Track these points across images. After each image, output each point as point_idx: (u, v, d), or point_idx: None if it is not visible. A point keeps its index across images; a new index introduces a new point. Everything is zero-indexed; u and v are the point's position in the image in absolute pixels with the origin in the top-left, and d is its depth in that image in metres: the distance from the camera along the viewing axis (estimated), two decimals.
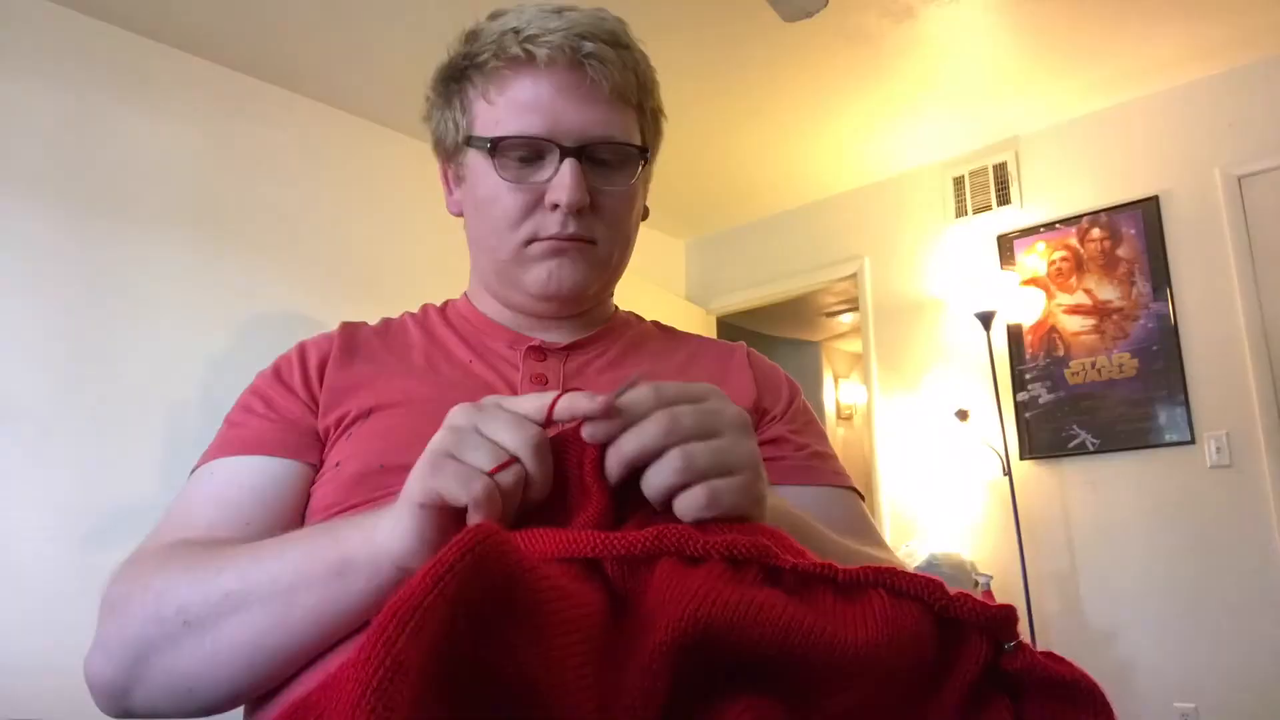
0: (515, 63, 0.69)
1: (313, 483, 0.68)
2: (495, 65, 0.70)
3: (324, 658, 0.55)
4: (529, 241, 0.72)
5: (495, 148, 0.70)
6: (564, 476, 0.47)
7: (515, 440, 0.46)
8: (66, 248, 2.30)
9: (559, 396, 0.47)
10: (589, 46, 0.69)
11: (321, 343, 0.77)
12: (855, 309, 4.32)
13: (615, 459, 0.46)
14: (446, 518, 0.46)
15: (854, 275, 3.73)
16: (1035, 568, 2.94)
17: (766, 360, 0.85)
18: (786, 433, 0.76)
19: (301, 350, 0.76)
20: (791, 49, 2.73)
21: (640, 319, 0.88)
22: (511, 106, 0.70)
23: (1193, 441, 2.77)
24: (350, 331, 0.79)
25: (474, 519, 0.44)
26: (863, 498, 0.78)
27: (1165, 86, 3.00)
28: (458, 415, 0.48)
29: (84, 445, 2.24)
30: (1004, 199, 3.29)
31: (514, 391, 0.72)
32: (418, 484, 0.46)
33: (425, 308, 0.85)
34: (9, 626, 2.04)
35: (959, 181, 3.42)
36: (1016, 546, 2.91)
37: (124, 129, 2.45)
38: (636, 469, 0.46)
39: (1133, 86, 3.01)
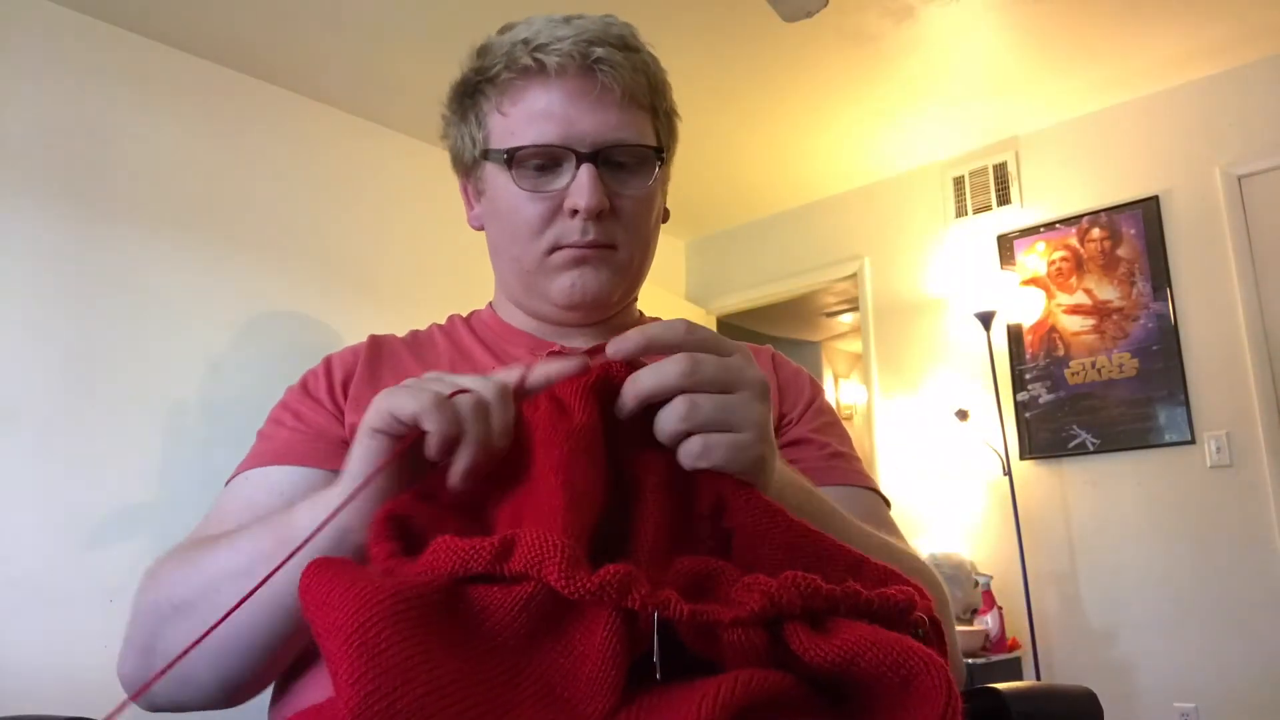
0: (526, 73, 0.70)
1: None
2: (507, 77, 0.71)
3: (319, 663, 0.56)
4: (551, 250, 0.72)
5: (512, 158, 0.70)
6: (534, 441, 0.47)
7: (477, 383, 0.47)
8: (66, 247, 2.30)
9: (531, 366, 0.48)
10: (598, 51, 0.69)
11: (347, 356, 0.78)
12: (855, 309, 4.32)
13: (631, 391, 0.47)
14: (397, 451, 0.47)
15: (854, 275, 3.73)
16: (1035, 568, 2.94)
17: (792, 364, 0.85)
18: (807, 433, 0.76)
19: (327, 364, 0.77)
20: (791, 49, 2.73)
21: None
22: (525, 116, 0.70)
23: (1193, 441, 2.77)
24: (377, 344, 0.80)
25: (428, 427, 0.44)
26: (888, 503, 0.78)
27: (1165, 86, 3.00)
28: (431, 371, 0.50)
29: (84, 445, 2.24)
30: (1004, 199, 3.29)
31: None
32: (371, 409, 0.47)
33: (452, 319, 0.86)
34: (8, 625, 2.04)
35: (959, 181, 3.42)
36: (1016, 546, 2.91)
37: (124, 129, 2.45)
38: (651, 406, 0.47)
39: (1133, 86, 3.01)
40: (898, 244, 3.58)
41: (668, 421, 0.46)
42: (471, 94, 0.75)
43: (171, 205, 2.51)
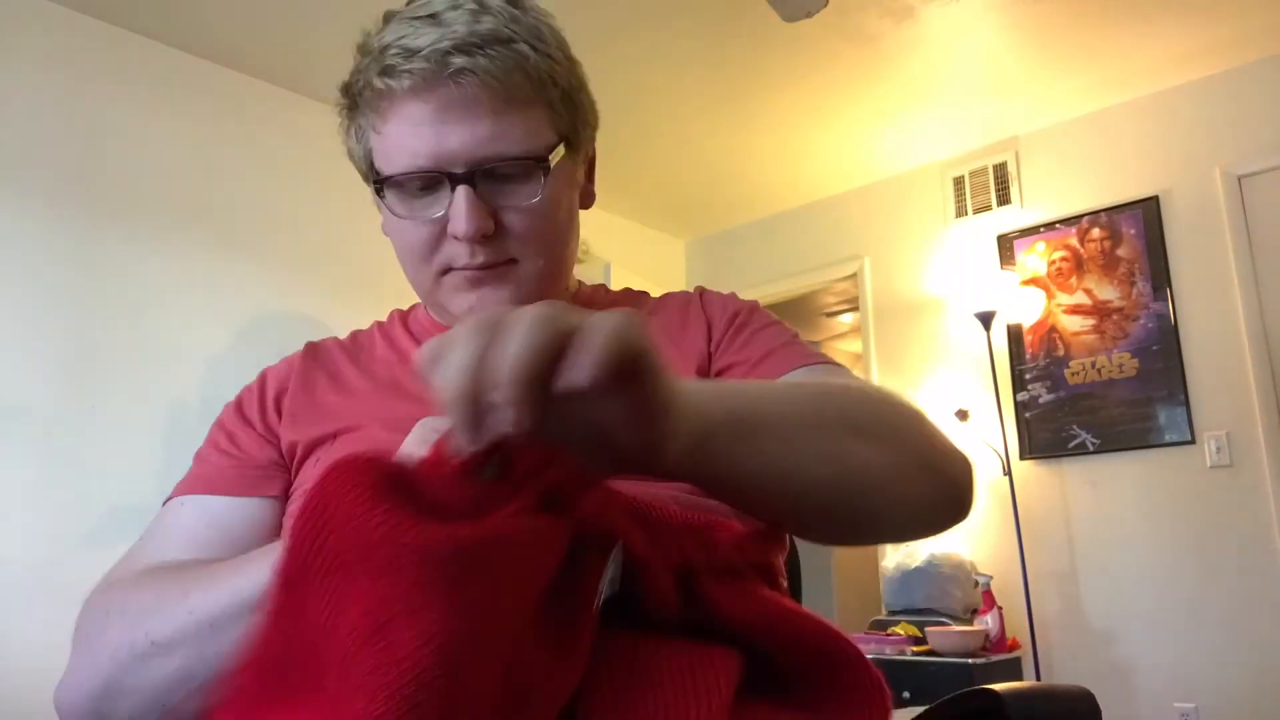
0: (389, 90, 0.65)
1: (284, 511, 0.69)
2: (370, 95, 0.67)
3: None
4: (444, 272, 0.69)
5: (383, 186, 0.67)
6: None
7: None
8: (66, 247, 2.30)
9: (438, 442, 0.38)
10: (457, 61, 0.62)
11: (281, 369, 0.77)
12: (855, 309, 4.31)
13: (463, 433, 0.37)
14: None
15: (854, 275, 3.73)
16: (1035, 568, 2.94)
17: (718, 294, 0.81)
18: (731, 355, 0.71)
19: (262, 380, 0.76)
20: (792, 49, 2.73)
21: (607, 290, 0.84)
22: (394, 139, 0.66)
23: (1193, 441, 2.77)
24: (313, 350, 0.79)
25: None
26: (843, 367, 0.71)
27: (1165, 86, 3.00)
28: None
29: (84, 445, 2.24)
30: (1004, 199, 3.29)
31: None
32: None
33: (392, 316, 0.85)
34: (8, 625, 2.04)
35: (959, 181, 3.42)
36: (1016, 546, 2.91)
37: (123, 129, 2.45)
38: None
39: (1133, 86, 3.01)
40: (898, 244, 3.58)
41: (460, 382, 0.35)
42: (353, 102, 0.71)
43: (171, 205, 2.52)
